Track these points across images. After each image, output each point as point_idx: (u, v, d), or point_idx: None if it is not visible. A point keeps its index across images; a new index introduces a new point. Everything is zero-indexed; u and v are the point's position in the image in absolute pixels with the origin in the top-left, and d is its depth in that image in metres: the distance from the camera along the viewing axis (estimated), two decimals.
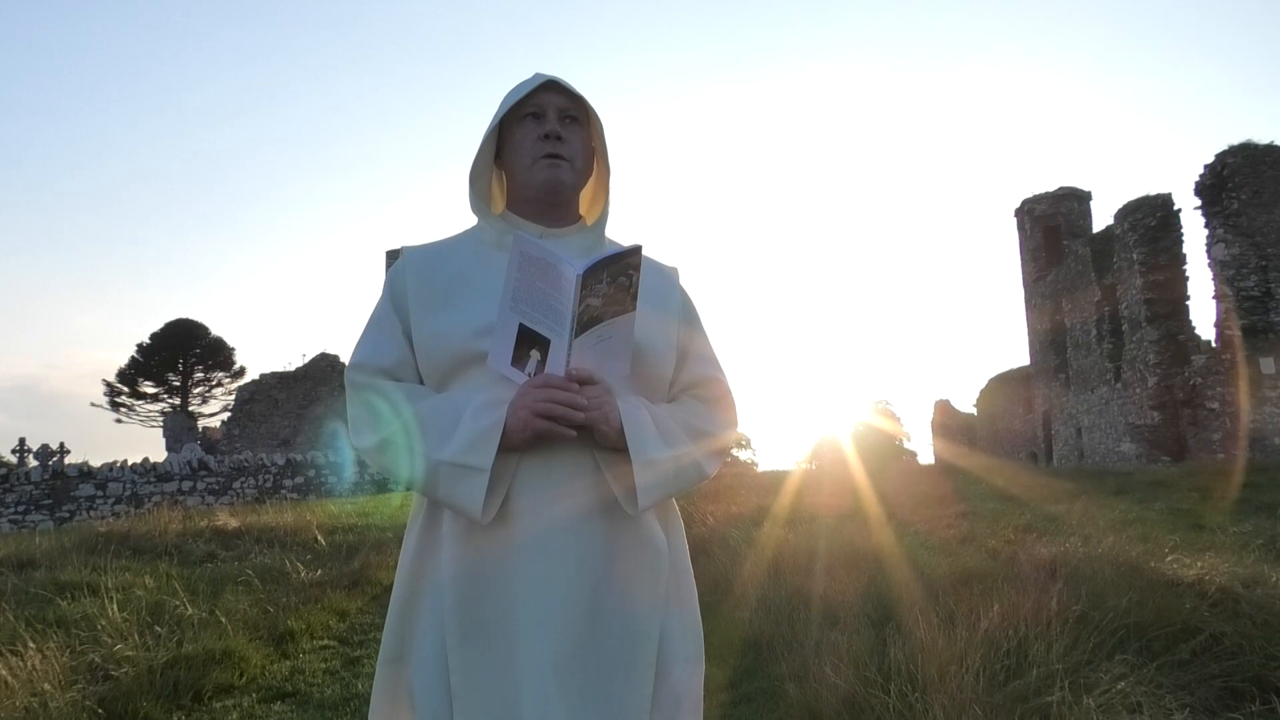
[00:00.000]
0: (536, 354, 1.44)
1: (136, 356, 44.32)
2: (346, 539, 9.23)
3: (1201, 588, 4.14)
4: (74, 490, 18.60)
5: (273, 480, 20.42)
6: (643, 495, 1.44)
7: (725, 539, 7.00)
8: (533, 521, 1.45)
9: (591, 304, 1.40)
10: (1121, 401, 21.73)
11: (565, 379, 1.42)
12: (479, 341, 1.50)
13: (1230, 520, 7.65)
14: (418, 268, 1.66)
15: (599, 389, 1.44)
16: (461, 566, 1.46)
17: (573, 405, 1.40)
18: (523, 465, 1.46)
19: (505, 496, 1.45)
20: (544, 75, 1.67)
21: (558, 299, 1.40)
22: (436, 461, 1.43)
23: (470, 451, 1.41)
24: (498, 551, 1.45)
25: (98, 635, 4.56)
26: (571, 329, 1.40)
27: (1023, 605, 3.71)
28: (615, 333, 1.46)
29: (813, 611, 4.58)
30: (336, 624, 5.90)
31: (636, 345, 1.52)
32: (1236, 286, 18.46)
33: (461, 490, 1.42)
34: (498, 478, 1.43)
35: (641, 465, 1.44)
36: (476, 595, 1.45)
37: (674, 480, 1.51)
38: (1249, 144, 19.08)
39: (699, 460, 1.56)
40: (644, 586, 1.49)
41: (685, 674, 1.55)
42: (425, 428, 1.47)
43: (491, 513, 1.43)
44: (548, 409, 1.39)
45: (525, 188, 1.68)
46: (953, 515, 9.02)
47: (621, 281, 1.43)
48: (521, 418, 1.40)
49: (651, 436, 1.48)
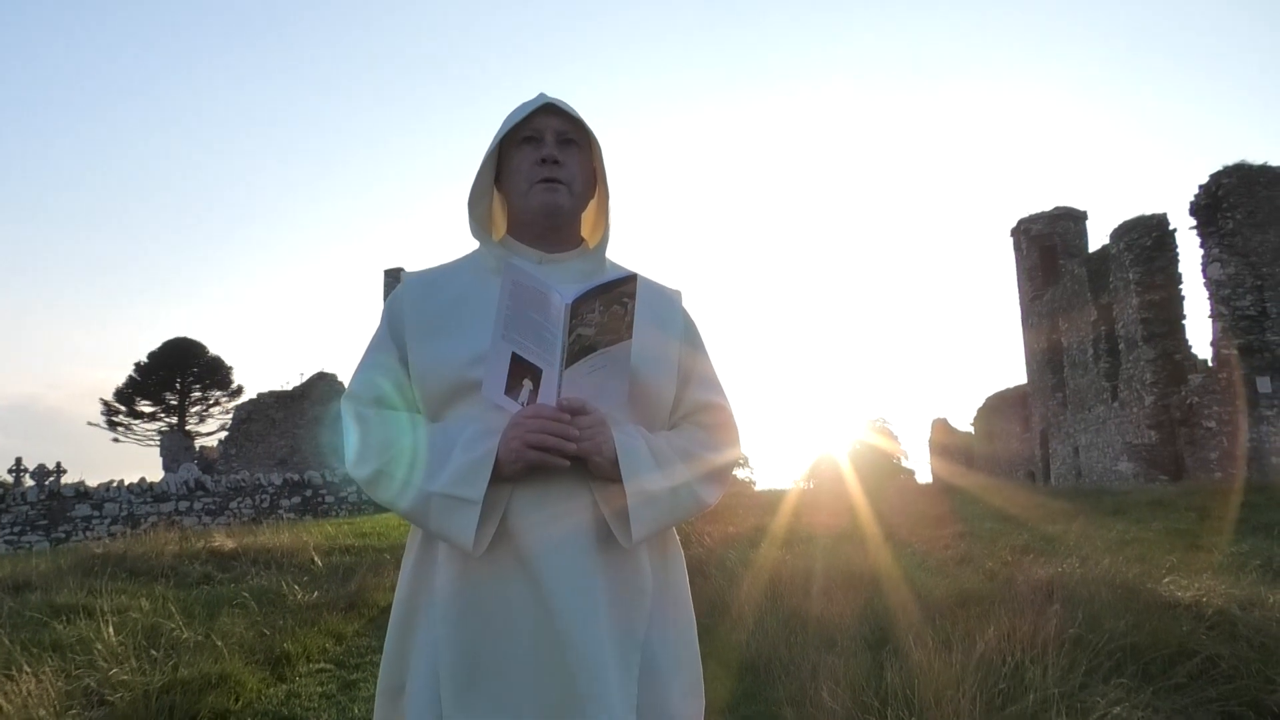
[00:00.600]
0: (529, 383, 1.43)
1: (134, 375, 44.26)
2: (343, 560, 9.19)
3: (1199, 609, 4.15)
4: (70, 511, 18.53)
5: (270, 500, 20.36)
6: (636, 527, 1.43)
7: (722, 560, 7.00)
8: (527, 553, 1.43)
9: (584, 333, 1.40)
10: (1119, 421, 21.75)
11: (557, 409, 1.41)
12: (474, 370, 1.50)
13: (1227, 541, 7.65)
14: (415, 294, 1.65)
15: (592, 419, 1.43)
16: (454, 598, 1.45)
17: (564, 436, 1.39)
18: (517, 496, 1.45)
19: (500, 528, 1.44)
20: (543, 98, 1.66)
21: (548, 328, 1.40)
22: (428, 493, 1.43)
23: (462, 483, 1.41)
24: (491, 584, 1.44)
25: (93, 659, 4.54)
26: (562, 359, 1.40)
27: (1019, 628, 3.72)
28: (610, 361, 1.45)
29: (810, 634, 4.57)
30: (333, 647, 5.87)
31: (635, 373, 1.51)
32: (1232, 306, 18.52)
33: (453, 522, 1.41)
34: (490, 509, 1.41)
35: (635, 497, 1.42)
36: (469, 629, 1.44)
37: (669, 511, 1.50)
38: (1243, 164, 19.19)
39: (696, 490, 1.54)
40: (626, 625, 1.46)
41: (684, 708, 1.53)
42: (417, 459, 1.47)
43: (483, 545, 1.42)
44: (539, 440, 1.39)
45: (523, 212, 1.67)
46: (950, 535, 9.01)
47: (616, 310, 1.42)
48: (513, 448, 1.40)
49: (647, 467, 1.46)
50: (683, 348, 1.68)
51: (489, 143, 1.68)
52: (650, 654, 1.49)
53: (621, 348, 1.45)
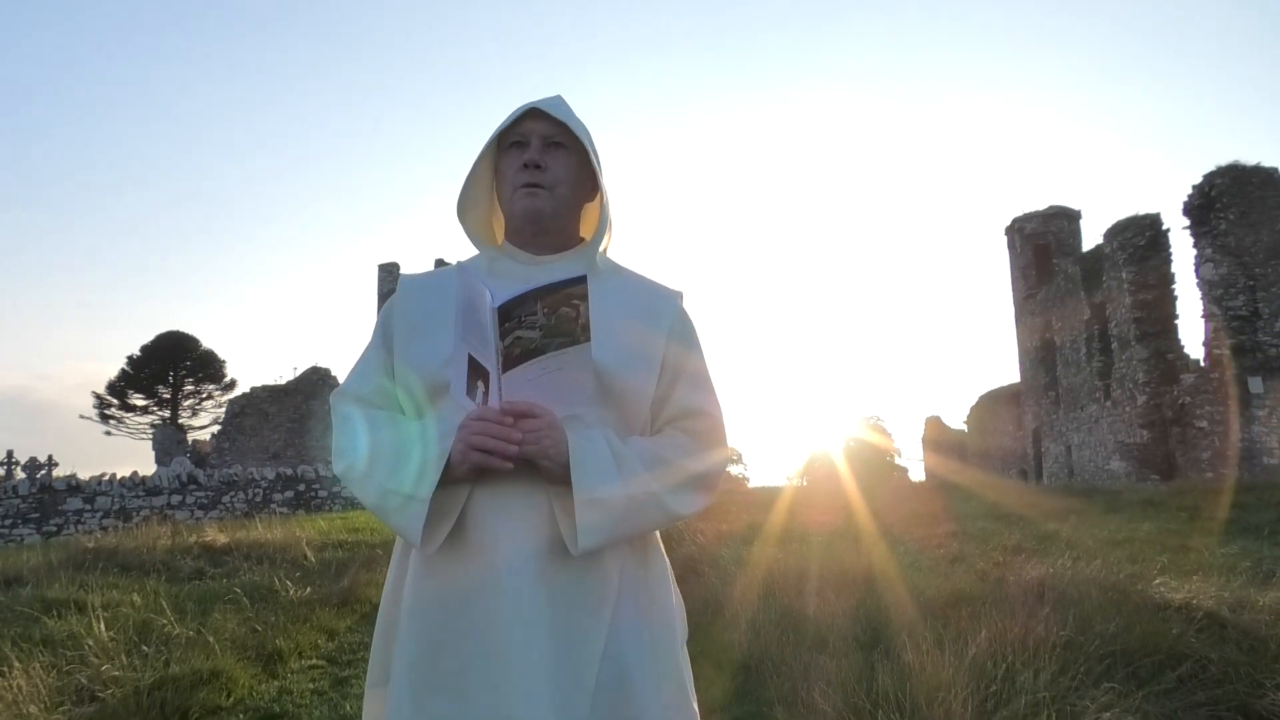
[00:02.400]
0: (482, 385, 1.44)
1: (127, 369, 44.14)
2: (336, 556, 9.18)
3: (1189, 612, 4.17)
4: (62, 504, 18.48)
5: (263, 495, 20.32)
6: (583, 535, 1.39)
7: (715, 558, 7.00)
8: (481, 557, 1.44)
9: (525, 336, 1.39)
10: (1111, 419, 21.83)
11: (499, 411, 1.41)
12: (446, 370, 1.52)
13: (1218, 541, 7.68)
14: (407, 297, 1.69)
15: (538, 422, 1.41)
16: (418, 598, 1.48)
17: (505, 438, 1.39)
18: (477, 498, 1.46)
19: (461, 529, 1.45)
20: (530, 103, 1.66)
21: (488, 332, 1.40)
22: (385, 490, 1.46)
23: (414, 481, 1.43)
24: (449, 587, 1.46)
25: (84, 655, 4.54)
26: (497, 363, 1.40)
27: (1010, 630, 3.73)
28: (567, 364, 1.42)
29: (802, 633, 4.58)
30: (325, 643, 5.87)
31: (607, 373, 1.49)
32: (1224, 306, 18.59)
33: (405, 519, 1.43)
34: (444, 508, 1.43)
35: (585, 503, 1.39)
36: (429, 631, 1.45)
37: (626, 520, 1.45)
38: (1236, 165, 19.27)
39: (665, 499, 1.49)
40: (582, 637, 1.43)
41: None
42: (382, 455, 1.49)
43: (434, 543, 1.43)
44: (480, 442, 1.39)
45: (510, 218, 1.70)
46: (943, 534, 9.04)
47: (566, 312, 1.39)
48: (458, 449, 1.41)
49: (602, 473, 1.42)
50: (671, 346, 1.64)
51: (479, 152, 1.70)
52: (620, 666, 1.45)
53: (578, 350, 1.41)
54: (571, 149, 1.67)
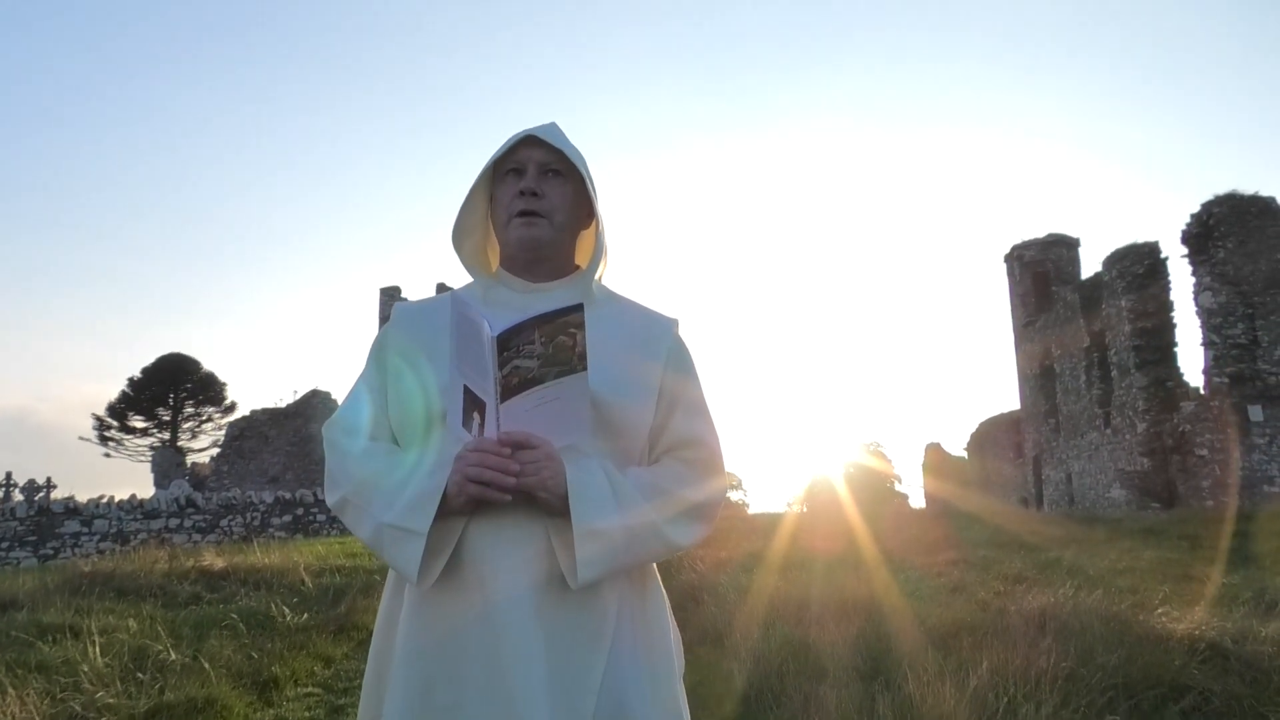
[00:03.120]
0: (478, 417, 1.42)
1: (127, 390, 44.06)
2: (334, 581, 9.14)
3: (1191, 643, 4.13)
4: (59, 527, 18.40)
5: (261, 518, 20.26)
6: (583, 568, 1.38)
7: (715, 586, 6.96)
8: (478, 590, 1.41)
9: (523, 365, 1.37)
10: (1111, 447, 21.79)
11: (497, 443, 1.39)
12: (441, 400, 1.50)
13: (1220, 571, 7.65)
14: (402, 325, 1.67)
15: (536, 453, 1.39)
16: (411, 633, 1.45)
17: (503, 470, 1.37)
18: (473, 531, 1.43)
19: (456, 563, 1.43)
20: (526, 130, 1.65)
21: (485, 360, 1.38)
22: (380, 523, 1.43)
23: (409, 515, 1.40)
24: (444, 620, 1.43)
25: (79, 681, 4.51)
26: (496, 391, 1.38)
27: (1012, 661, 3.70)
28: (564, 393, 1.40)
29: (803, 663, 4.55)
30: (321, 671, 5.84)
31: (604, 402, 1.48)
32: (1223, 334, 18.62)
33: (400, 553, 1.41)
34: (438, 542, 1.40)
35: (584, 535, 1.38)
36: (423, 666, 1.42)
37: (626, 552, 1.44)
38: (1234, 194, 19.36)
39: (664, 530, 1.48)
40: (579, 671, 1.42)
41: None
42: (377, 488, 1.47)
43: (430, 578, 1.40)
44: (477, 473, 1.37)
45: (505, 245, 1.69)
46: (944, 562, 9.00)
47: (563, 341, 1.38)
48: (456, 481, 1.38)
49: (601, 504, 1.41)
50: (668, 374, 1.62)
51: (474, 180, 1.69)
52: (619, 699, 1.43)
53: (574, 379, 1.40)
54: (568, 177, 1.67)
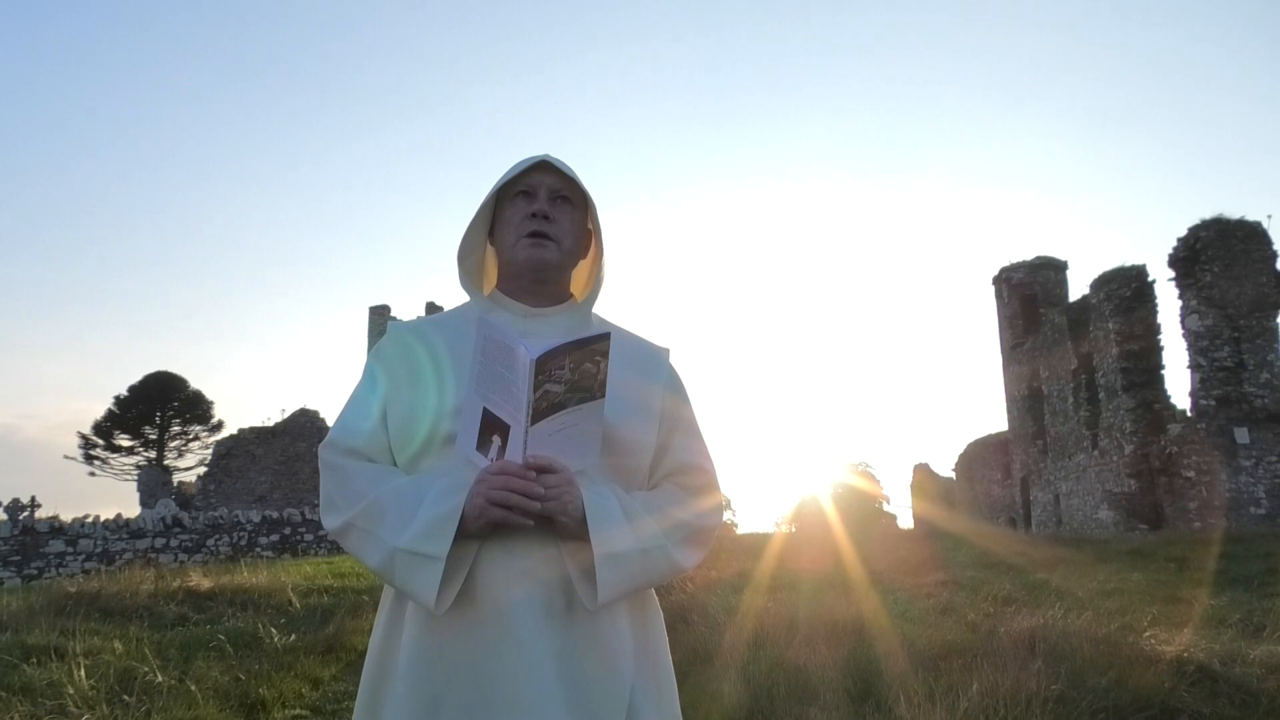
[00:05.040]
0: (498, 439, 1.42)
1: (113, 409, 43.79)
2: (322, 601, 9.09)
3: (1180, 665, 4.15)
4: (44, 546, 18.20)
5: (248, 538, 20.11)
6: (603, 590, 1.40)
7: (704, 606, 6.95)
8: (494, 614, 1.41)
9: (552, 390, 1.38)
10: (1099, 469, 21.87)
11: (522, 467, 1.39)
12: (447, 423, 1.50)
13: (1207, 593, 7.68)
14: (398, 345, 1.66)
15: (559, 478, 1.41)
16: (418, 656, 1.43)
17: (528, 494, 1.37)
18: (484, 555, 1.43)
19: (467, 586, 1.42)
20: (539, 155, 1.68)
21: (516, 384, 1.38)
22: (393, 548, 1.42)
23: (426, 539, 1.39)
24: (454, 643, 1.42)
25: (64, 704, 4.46)
26: (528, 415, 1.38)
27: (1002, 683, 3.71)
28: (582, 419, 1.43)
29: (793, 685, 4.54)
30: (310, 692, 5.79)
31: (610, 431, 1.49)
32: (1210, 357, 18.75)
33: (417, 579, 1.39)
34: (454, 566, 1.40)
35: (603, 558, 1.40)
36: (430, 688, 1.41)
37: (640, 573, 1.47)
38: (1221, 218, 19.55)
39: (671, 552, 1.51)
40: (605, 690, 1.43)
41: None
42: (386, 512, 1.45)
43: (446, 603, 1.39)
44: (503, 497, 1.37)
45: (510, 265, 1.69)
46: (933, 583, 9.01)
47: (588, 368, 1.40)
48: (477, 505, 1.38)
49: (617, 528, 1.44)
50: (667, 400, 1.67)
51: (484, 194, 1.69)
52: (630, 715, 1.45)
53: (593, 406, 1.43)
54: (575, 205, 1.69)
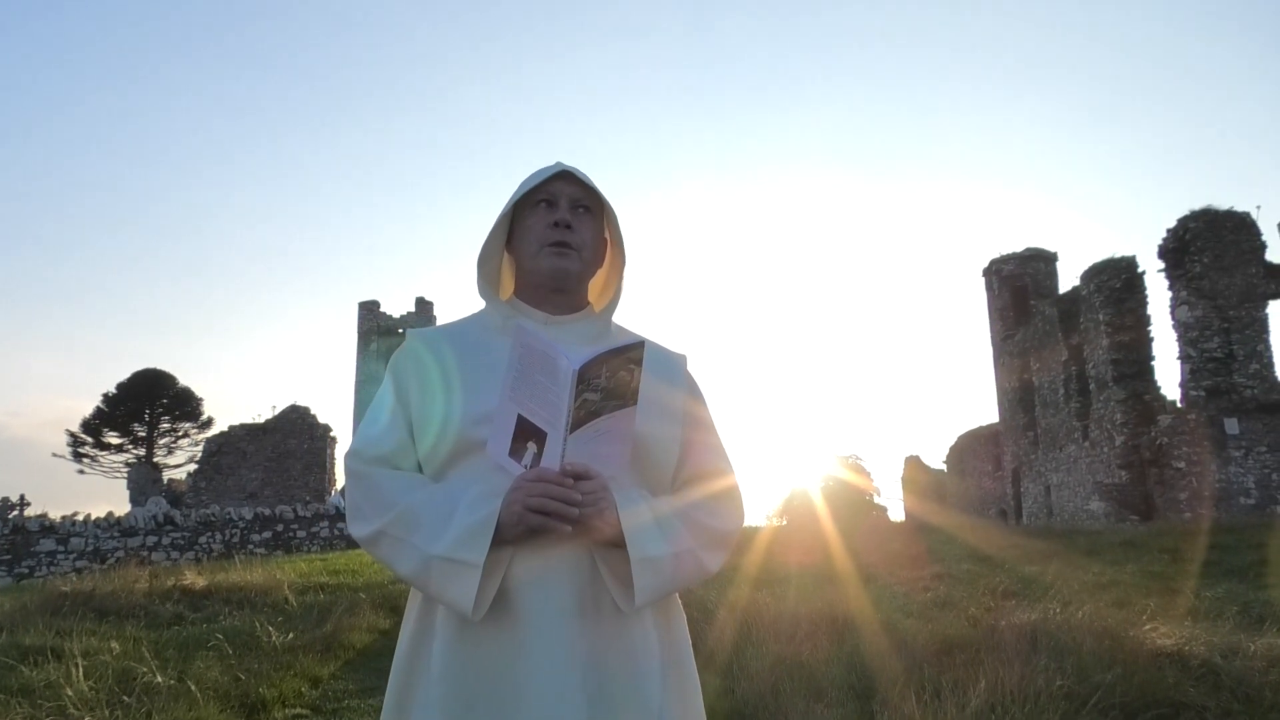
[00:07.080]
0: (533, 446, 1.42)
1: (102, 406, 43.57)
2: (318, 599, 9.05)
3: (1182, 659, 4.17)
4: (34, 545, 18.10)
5: (240, 535, 20.03)
6: (639, 594, 1.41)
7: (702, 602, 6.94)
8: (527, 619, 1.42)
9: (589, 398, 1.39)
10: (1090, 460, 21.97)
11: (560, 474, 1.39)
12: (476, 430, 1.49)
13: (1202, 584, 7.73)
14: (421, 352, 1.65)
15: (595, 484, 1.41)
16: (451, 662, 1.44)
17: (567, 501, 1.37)
18: (517, 560, 1.43)
19: (500, 592, 1.42)
20: (560, 165, 1.67)
21: (555, 392, 1.38)
22: (429, 556, 1.41)
23: (463, 546, 1.38)
24: (487, 649, 1.42)
25: (64, 706, 4.44)
26: (567, 424, 1.38)
27: (1007, 679, 3.71)
28: (615, 426, 1.43)
29: (796, 681, 4.54)
30: (309, 691, 5.77)
31: (639, 438, 1.50)
32: (1200, 348, 18.86)
33: (453, 586, 1.39)
34: (490, 573, 1.39)
35: (639, 563, 1.41)
36: (464, 694, 1.41)
37: (672, 578, 1.48)
38: (1210, 209, 19.65)
39: (699, 556, 1.52)
40: (632, 691, 1.44)
41: None
42: (419, 520, 1.44)
43: (483, 609, 1.40)
44: (541, 504, 1.37)
45: (531, 274, 1.68)
46: (928, 576, 9.04)
47: (622, 376, 1.41)
48: (515, 512, 1.38)
49: (651, 533, 1.45)
50: (689, 405, 1.68)
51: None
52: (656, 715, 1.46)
53: (626, 413, 1.43)
54: (595, 216, 1.70)
